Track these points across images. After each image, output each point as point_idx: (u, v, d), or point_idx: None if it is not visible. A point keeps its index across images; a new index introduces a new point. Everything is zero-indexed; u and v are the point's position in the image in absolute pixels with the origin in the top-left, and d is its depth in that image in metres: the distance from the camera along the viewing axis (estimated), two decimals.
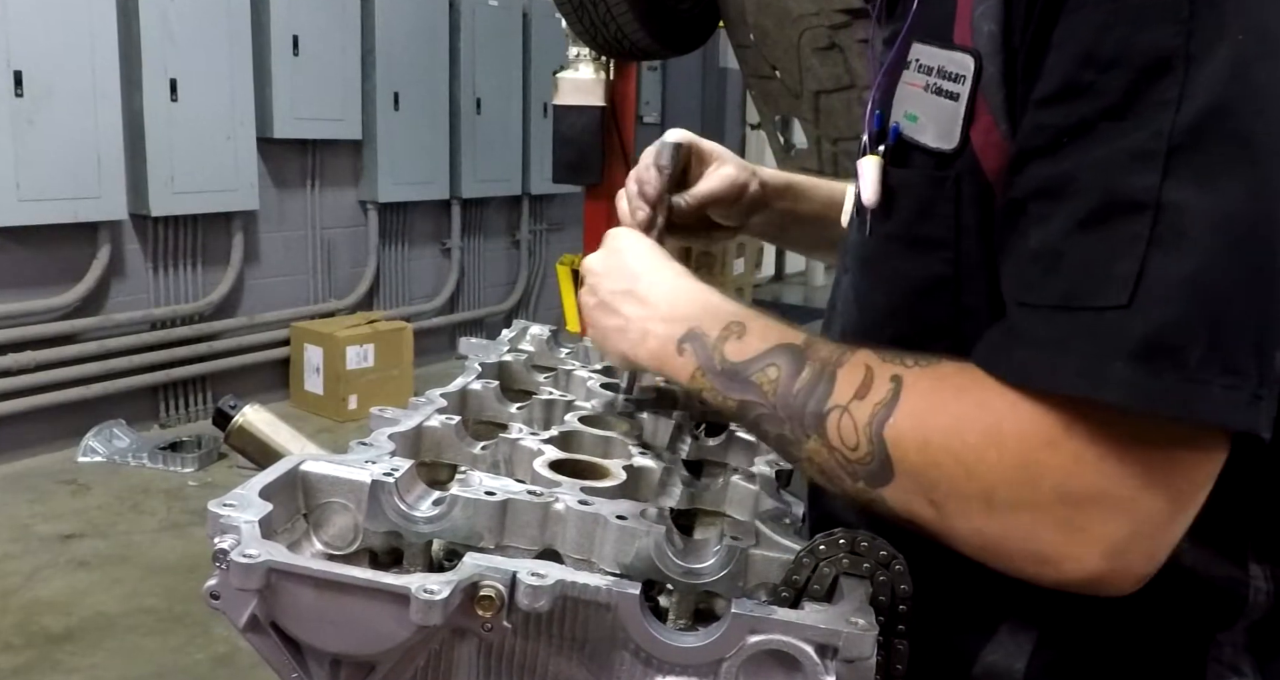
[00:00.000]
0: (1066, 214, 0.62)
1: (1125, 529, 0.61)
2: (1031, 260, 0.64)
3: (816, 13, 3.02)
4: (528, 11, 7.05)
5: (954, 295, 0.74)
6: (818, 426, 0.70)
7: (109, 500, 4.46)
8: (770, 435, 0.75)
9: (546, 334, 1.24)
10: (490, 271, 7.38)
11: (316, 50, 5.66)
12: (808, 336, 0.76)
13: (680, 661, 0.68)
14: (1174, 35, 0.59)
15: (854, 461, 0.69)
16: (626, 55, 4.09)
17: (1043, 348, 0.62)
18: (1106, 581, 0.63)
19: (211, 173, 5.22)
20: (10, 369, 4.63)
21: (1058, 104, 0.63)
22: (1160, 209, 0.58)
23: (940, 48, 0.73)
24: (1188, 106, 0.58)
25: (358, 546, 0.75)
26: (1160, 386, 0.57)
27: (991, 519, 0.64)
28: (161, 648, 3.29)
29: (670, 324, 0.83)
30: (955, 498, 0.65)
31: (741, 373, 0.76)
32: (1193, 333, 0.57)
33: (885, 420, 0.67)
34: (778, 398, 0.73)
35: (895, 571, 0.73)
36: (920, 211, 0.76)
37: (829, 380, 0.71)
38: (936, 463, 0.65)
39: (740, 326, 0.79)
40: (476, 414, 1.02)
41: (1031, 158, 0.65)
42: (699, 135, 1.13)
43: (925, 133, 0.75)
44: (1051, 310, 0.62)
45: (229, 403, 1.01)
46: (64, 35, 4.50)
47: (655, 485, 0.85)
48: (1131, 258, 0.58)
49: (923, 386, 0.68)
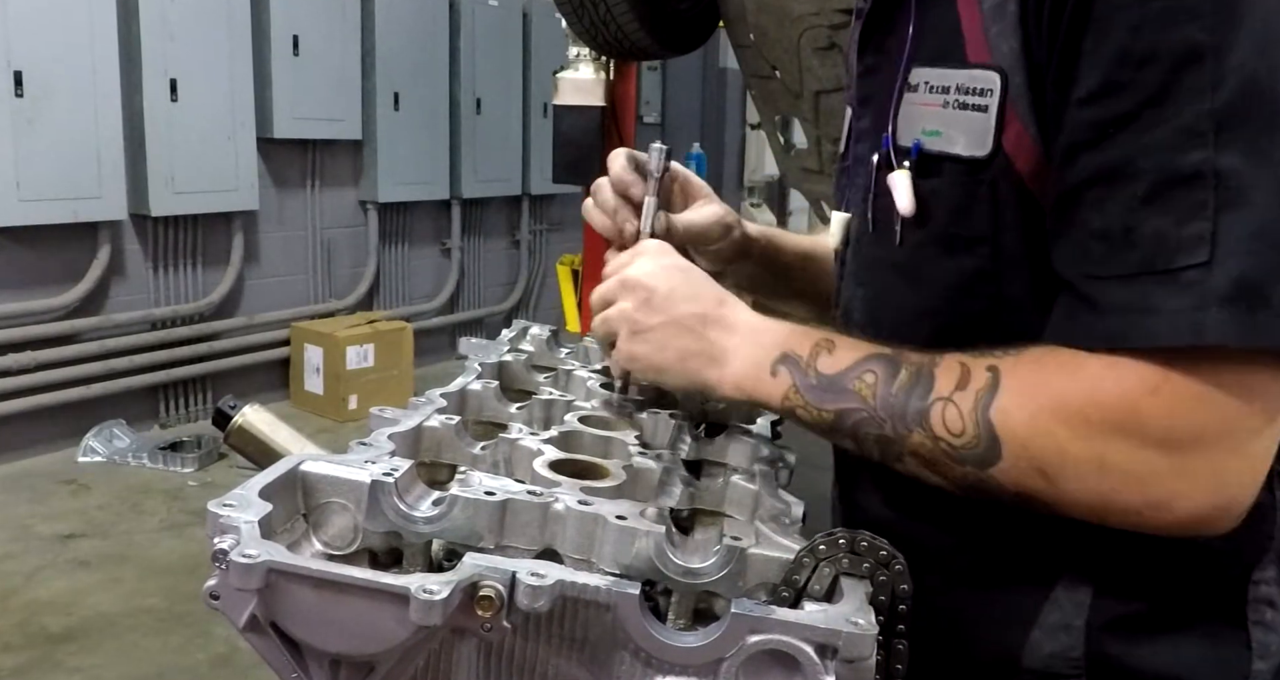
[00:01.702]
0: (1127, 194, 0.68)
1: (1231, 462, 0.68)
2: (1098, 239, 0.70)
3: (816, 13, 3.01)
4: (528, 11, 7.05)
5: (995, 287, 0.80)
6: (921, 420, 0.75)
7: (109, 500, 4.46)
8: (870, 438, 0.79)
9: (546, 334, 1.24)
10: (490, 271, 7.38)
11: (316, 50, 5.66)
12: (896, 347, 0.80)
13: (680, 661, 0.68)
14: (1199, 30, 0.67)
15: (960, 447, 0.74)
16: (626, 55, 4.09)
17: (1130, 311, 0.68)
18: (1215, 518, 0.69)
19: (211, 173, 5.22)
20: (10, 369, 4.63)
21: (1100, 101, 0.70)
22: (1219, 176, 0.66)
23: (953, 68, 0.80)
24: (1223, 88, 0.66)
25: (357, 547, 0.75)
26: (1255, 323, 0.64)
27: (1105, 477, 0.69)
28: (161, 648, 3.29)
29: (765, 348, 0.86)
30: (1068, 464, 0.70)
31: (838, 383, 0.80)
32: (1273, 275, 0.65)
33: (989, 404, 0.72)
34: (878, 400, 0.78)
35: (895, 571, 0.73)
36: (957, 213, 0.81)
37: (927, 378, 0.76)
38: (1045, 433, 0.70)
39: (829, 343, 0.83)
40: (476, 414, 1.02)
41: (1080, 151, 0.71)
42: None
43: (955, 144, 0.81)
44: (1129, 278, 0.68)
45: (229, 403, 1.01)
46: (64, 35, 4.50)
47: (655, 485, 0.85)
48: (1202, 221, 0.66)
49: (1020, 370, 0.73)
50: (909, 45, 0.85)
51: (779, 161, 3.95)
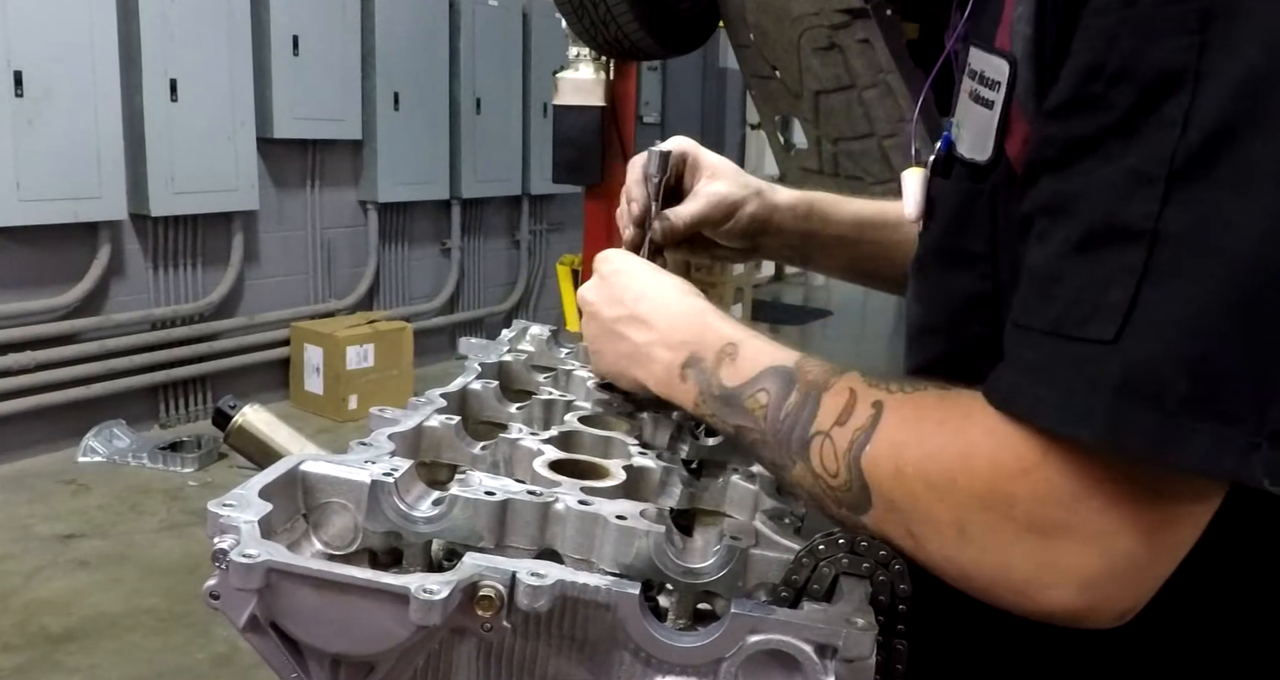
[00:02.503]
0: (1065, 235, 0.59)
1: (1099, 565, 0.59)
2: (1028, 280, 0.61)
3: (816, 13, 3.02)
4: (528, 11, 7.05)
5: (993, 312, 0.72)
6: (802, 452, 0.70)
7: (109, 500, 4.46)
8: (765, 461, 0.76)
9: (546, 334, 1.24)
10: (490, 271, 7.38)
11: (316, 50, 5.66)
12: (802, 357, 0.74)
13: (680, 661, 0.68)
14: (1184, 49, 0.55)
15: (835, 488, 0.68)
16: (626, 55, 4.09)
17: (1028, 374, 0.60)
18: (1085, 616, 0.61)
19: (211, 173, 5.22)
20: (10, 369, 4.63)
21: (1066, 117, 0.60)
22: (1157, 239, 0.55)
23: (983, 51, 0.71)
24: (1193, 129, 0.54)
25: (357, 546, 0.75)
26: (1135, 427, 0.54)
27: (965, 547, 0.62)
28: (161, 648, 3.29)
29: (673, 349, 0.82)
30: (929, 525, 0.64)
31: (735, 398, 0.76)
32: (1176, 373, 0.53)
33: (863, 447, 0.66)
34: (767, 424, 0.73)
35: (895, 571, 0.73)
36: (957, 224, 0.74)
37: (814, 405, 0.70)
38: (910, 490, 0.64)
39: (734, 349, 0.78)
40: (476, 414, 1.02)
41: (1041, 171, 0.62)
42: (700, 138, 1.09)
43: (963, 143, 0.73)
44: (1041, 335, 0.59)
45: (229, 403, 1.01)
46: (64, 35, 4.50)
47: (655, 485, 0.85)
48: (1123, 288, 0.55)
49: (903, 413, 0.66)
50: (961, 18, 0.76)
51: (779, 161, 3.95)
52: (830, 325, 8.83)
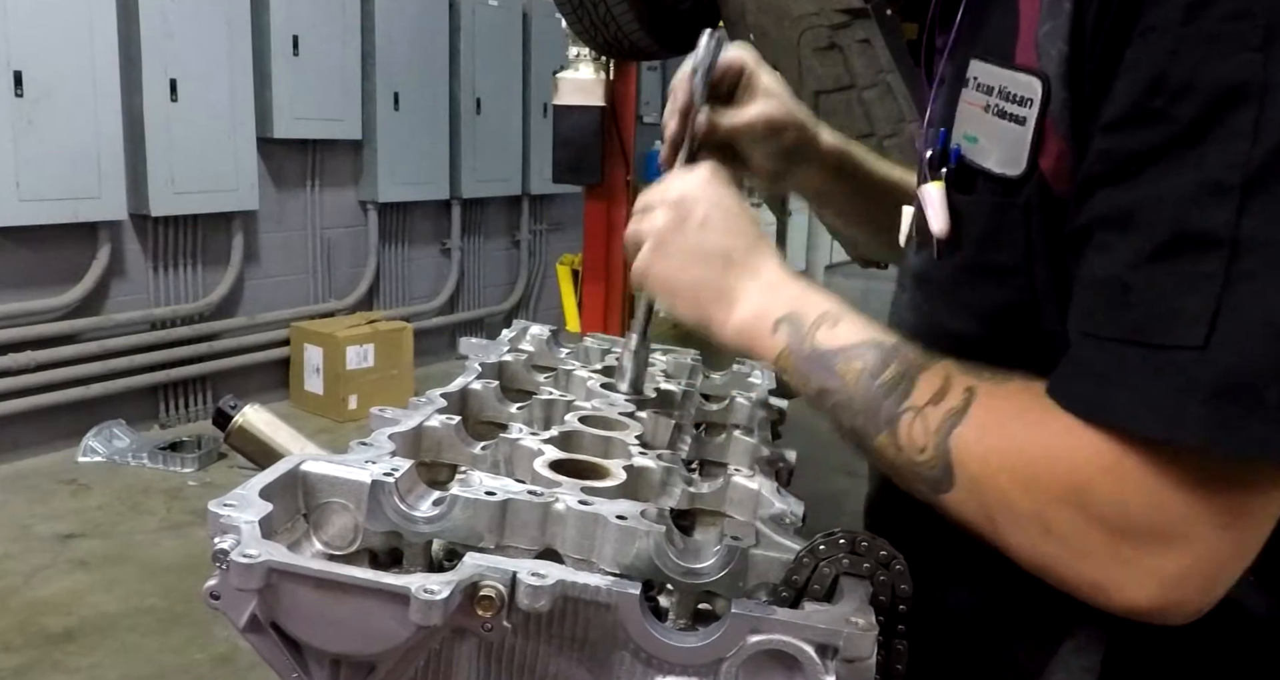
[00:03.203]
0: (1135, 245, 0.60)
1: (1183, 564, 0.61)
2: (1096, 289, 0.63)
3: (816, 13, 3.02)
4: (528, 11, 7.05)
5: (1033, 321, 0.73)
6: (891, 424, 0.71)
7: (109, 500, 4.46)
8: (843, 425, 0.76)
9: (546, 334, 1.24)
10: (490, 271, 7.38)
11: (316, 50, 5.66)
12: (901, 340, 0.75)
13: (680, 661, 0.68)
14: (1248, 63, 0.57)
15: (919, 464, 0.69)
16: (626, 55, 4.09)
17: (1110, 382, 0.61)
18: (1161, 613, 0.63)
19: (211, 173, 5.22)
20: (10, 369, 4.63)
21: (1126, 130, 0.62)
22: (1237, 245, 0.57)
23: (1001, 67, 0.72)
24: (1265, 138, 0.57)
25: (358, 546, 0.75)
26: (1240, 428, 0.56)
27: (1046, 541, 0.64)
28: (161, 648, 3.29)
29: (774, 303, 0.82)
30: (1011, 515, 0.65)
31: (827, 359, 0.76)
32: (1272, 373, 0.56)
33: (953, 429, 0.68)
34: (857, 389, 0.74)
35: (895, 571, 0.73)
36: (989, 239, 0.75)
37: (909, 382, 0.71)
38: (994, 478, 0.66)
39: (836, 316, 0.79)
40: (477, 414, 1.02)
41: (1098, 185, 0.63)
42: None
43: (988, 157, 0.74)
44: (1120, 344, 0.61)
45: (229, 403, 1.01)
46: (64, 35, 4.50)
47: (655, 485, 0.85)
48: (1205, 295, 0.57)
49: (994, 401, 0.68)
50: (957, 28, 0.78)
51: None
52: None
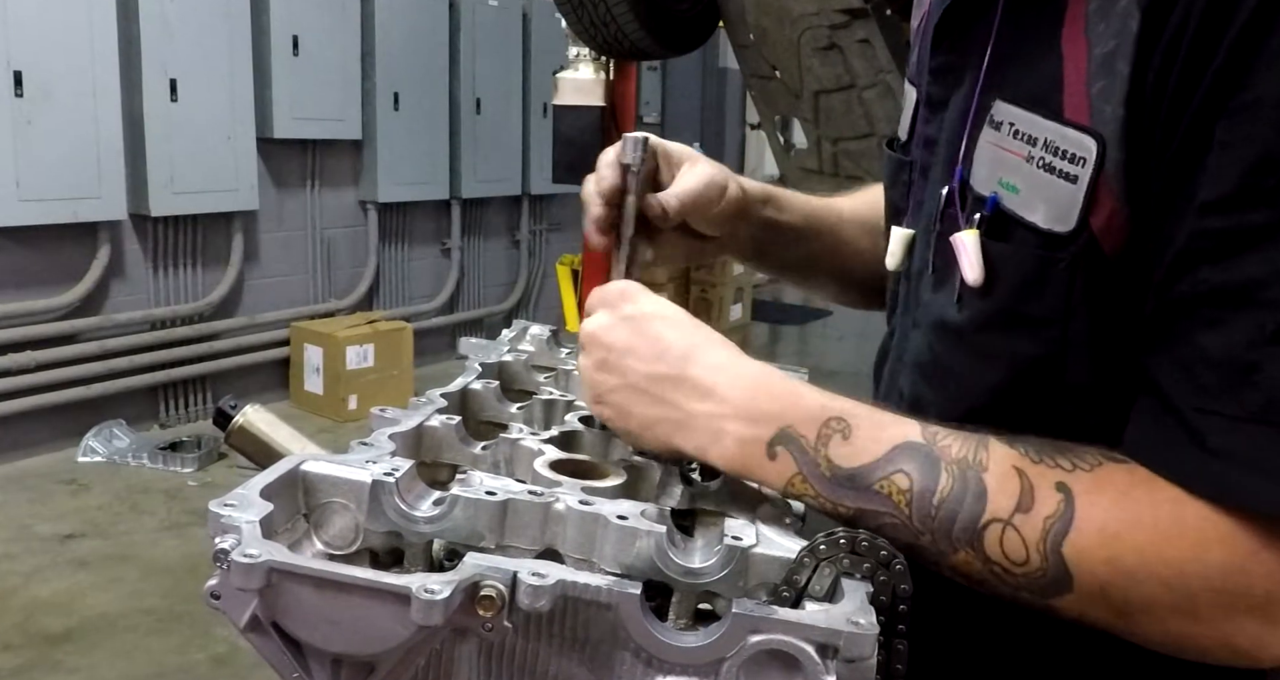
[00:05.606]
0: (1253, 325, 0.60)
1: None
2: (1213, 367, 0.62)
3: (816, 13, 3.02)
4: (528, 11, 7.05)
5: (1058, 374, 0.72)
6: (972, 542, 0.67)
7: (109, 500, 4.46)
8: (899, 543, 0.71)
9: (546, 334, 1.24)
10: (490, 271, 7.38)
11: (316, 50, 5.66)
12: (924, 427, 0.71)
13: (681, 661, 0.68)
14: None
15: (1019, 575, 0.66)
16: (626, 55, 4.10)
17: (1243, 462, 0.60)
18: None
19: (211, 173, 5.22)
20: (10, 369, 4.63)
21: (1231, 210, 0.61)
22: None
23: (1046, 119, 0.70)
24: None
25: (358, 546, 0.75)
26: None
27: (1194, 625, 0.63)
28: (161, 648, 3.29)
29: (754, 424, 0.74)
30: (1150, 608, 0.64)
31: (860, 480, 0.70)
32: None
33: (1063, 535, 0.65)
34: (914, 510, 0.69)
35: (896, 571, 0.73)
36: (1026, 290, 0.72)
37: (977, 488, 0.67)
38: (1129, 576, 0.64)
39: (843, 424, 0.72)
40: (477, 414, 1.02)
41: (1200, 262, 0.62)
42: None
43: (1034, 212, 0.71)
44: (1250, 424, 0.60)
45: (229, 403, 1.01)
46: (64, 35, 4.50)
47: (655, 485, 0.85)
48: None
49: (1101, 499, 0.65)
50: (985, 71, 0.75)
51: (779, 161, 3.95)
52: (830, 325, 8.83)
